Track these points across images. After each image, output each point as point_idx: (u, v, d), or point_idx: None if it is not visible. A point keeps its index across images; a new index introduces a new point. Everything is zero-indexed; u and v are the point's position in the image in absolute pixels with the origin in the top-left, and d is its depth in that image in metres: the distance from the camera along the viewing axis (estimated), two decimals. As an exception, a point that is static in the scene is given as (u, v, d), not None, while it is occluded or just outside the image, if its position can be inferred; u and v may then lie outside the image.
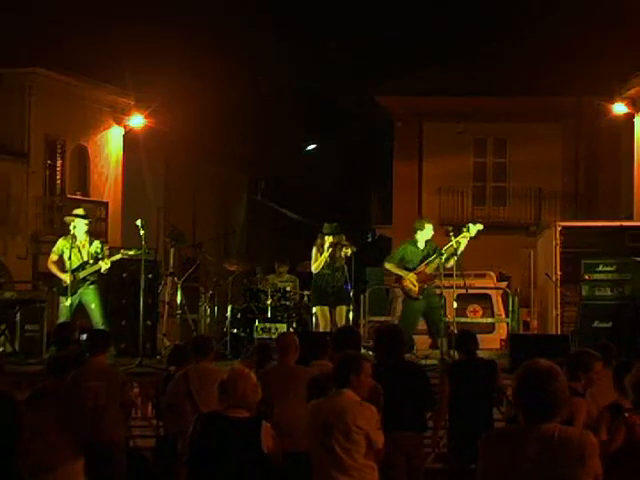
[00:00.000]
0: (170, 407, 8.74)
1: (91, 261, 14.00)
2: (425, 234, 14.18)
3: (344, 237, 14.47)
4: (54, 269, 14.04)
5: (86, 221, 14.15)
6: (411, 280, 14.01)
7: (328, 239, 14.25)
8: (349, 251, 14.21)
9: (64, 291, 13.82)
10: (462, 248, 13.91)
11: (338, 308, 14.24)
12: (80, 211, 14.42)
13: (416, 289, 13.99)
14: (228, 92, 36.40)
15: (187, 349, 9.28)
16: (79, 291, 13.98)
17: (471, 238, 13.94)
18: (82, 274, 13.93)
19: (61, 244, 14.08)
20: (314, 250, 14.38)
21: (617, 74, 26.60)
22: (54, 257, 14.10)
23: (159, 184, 33.59)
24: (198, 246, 17.57)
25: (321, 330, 14.00)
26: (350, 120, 43.05)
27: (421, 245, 14.16)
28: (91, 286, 14.07)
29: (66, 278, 13.77)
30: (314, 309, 14.49)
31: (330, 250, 14.19)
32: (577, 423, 7.49)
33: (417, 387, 8.48)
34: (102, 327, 13.73)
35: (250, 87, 38.86)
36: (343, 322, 14.10)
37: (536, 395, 4.63)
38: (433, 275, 13.95)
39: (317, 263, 14.30)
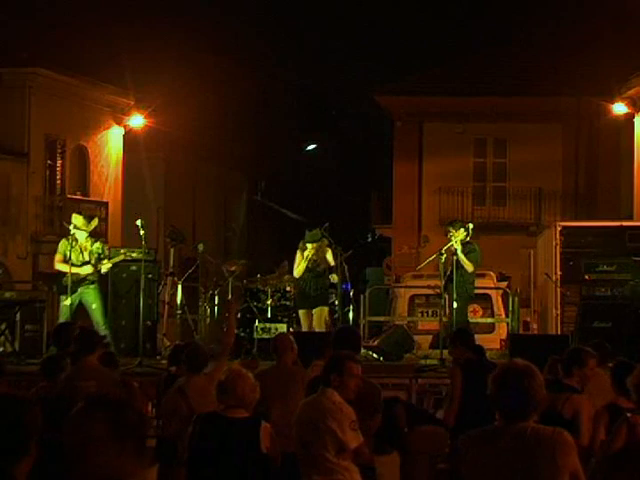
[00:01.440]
0: (168, 414, 8.75)
1: (93, 261, 14.02)
2: (451, 237, 14.19)
3: (326, 242, 14.59)
4: (61, 267, 14.02)
5: (86, 233, 14.17)
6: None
7: (309, 247, 14.43)
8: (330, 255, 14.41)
9: (64, 290, 13.82)
10: (459, 254, 13.97)
11: (317, 309, 14.38)
12: (80, 222, 14.30)
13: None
14: (228, 92, 36.40)
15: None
16: (79, 290, 13.98)
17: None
18: (84, 271, 13.95)
19: (63, 245, 14.09)
20: (297, 255, 14.58)
21: (617, 74, 26.59)
22: (59, 257, 14.11)
23: (159, 184, 33.57)
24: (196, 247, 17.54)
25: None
26: (350, 120, 43.06)
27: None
28: (91, 286, 14.08)
29: (78, 270, 13.80)
30: (299, 312, 14.68)
31: (309, 257, 14.38)
32: (584, 421, 7.48)
33: None
34: (103, 327, 13.75)
35: (250, 87, 38.85)
36: (322, 323, 14.23)
37: (512, 394, 4.68)
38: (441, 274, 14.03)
39: (298, 269, 14.54)
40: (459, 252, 13.95)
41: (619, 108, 27.27)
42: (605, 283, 14.42)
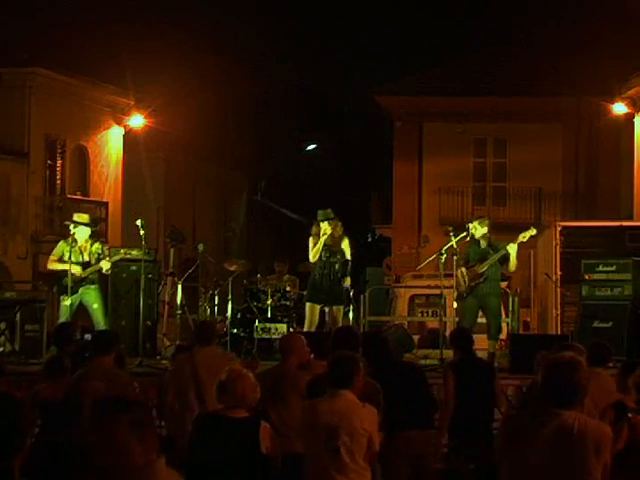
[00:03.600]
0: (175, 392, 8.85)
1: (93, 262, 13.99)
2: (478, 232, 13.93)
3: (341, 226, 13.94)
4: (55, 265, 13.97)
5: (89, 229, 14.14)
6: (461, 276, 13.80)
7: (324, 226, 13.80)
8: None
9: (64, 290, 13.80)
10: (514, 253, 13.83)
11: (335, 308, 13.77)
12: (84, 218, 14.30)
13: (463, 287, 13.69)
14: (228, 92, 36.40)
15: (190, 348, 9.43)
16: (80, 291, 13.96)
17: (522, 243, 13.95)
18: (83, 273, 13.91)
19: (61, 247, 14.04)
20: (310, 240, 13.86)
21: (617, 74, 26.60)
22: (54, 258, 14.06)
23: (159, 184, 33.59)
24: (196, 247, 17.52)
25: (306, 327, 13.65)
26: (350, 120, 43.07)
27: (483, 244, 13.89)
28: (92, 286, 14.05)
29: (74, 269, 13.73)
30: (306, 304, 13.98)
31: (327, 235, 13.71)
32: None
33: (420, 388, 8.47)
34: (103, 327, 13.74)
35: (250, 87, 38.86)
36: (339, 322, 13.63)
37: (563, 384, 5.00)
38: (481, 274, 13.67)
39: (314, 251, 13.73)
40: (514, 253, 13.82)
41: (619, 108, 27.26)
42: (605, 283, 14.41)
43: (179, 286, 15.91)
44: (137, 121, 29.63)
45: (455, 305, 14.16)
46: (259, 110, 39.23)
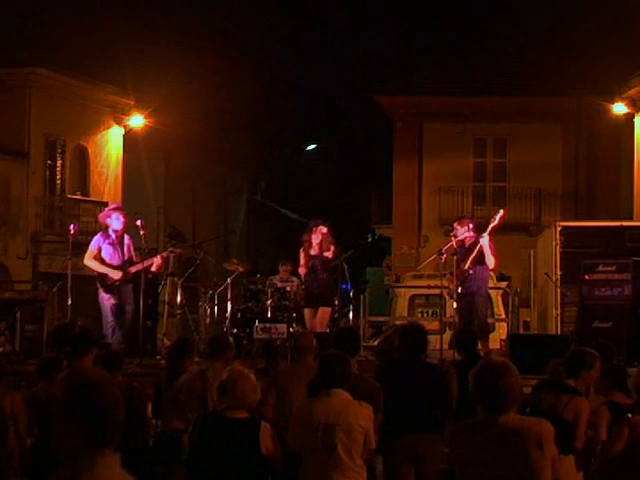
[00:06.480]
0: (180, 403, 8.81)
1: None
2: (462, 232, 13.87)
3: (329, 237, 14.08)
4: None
5: None
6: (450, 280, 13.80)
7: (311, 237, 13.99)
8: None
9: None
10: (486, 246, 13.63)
11: (320, 309, 14.02)
12: None
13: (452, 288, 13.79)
14: (228, 92, 36.41)
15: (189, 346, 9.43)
16: None
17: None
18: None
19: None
20: (302, 251, 14.19)
21: (617, 74, 26.59)
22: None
23: (159, 184, 33.57)
24: (198, 246, 17.52)
25: None
26: (350, 120, 43.08)
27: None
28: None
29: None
30: (304, 310, 14.34)
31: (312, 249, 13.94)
32: (581, 423, 7.46)
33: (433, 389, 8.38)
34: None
35: (250, 87, 38.87)
36: (324, 325, 13.87)
37: (491, 389, 4.91)
38: (466, 272, 13.59)
39: (301, 267, 14.17)
40: (486, 246, 13.59)
41: (619, 108, 27.25)
42: (605, 283, 14.40)
43: (179, 286, 15.92)
44: (137, 121, 29.62)
45: (455, 305, 14.14)
46: (259, 110, 39.23)
